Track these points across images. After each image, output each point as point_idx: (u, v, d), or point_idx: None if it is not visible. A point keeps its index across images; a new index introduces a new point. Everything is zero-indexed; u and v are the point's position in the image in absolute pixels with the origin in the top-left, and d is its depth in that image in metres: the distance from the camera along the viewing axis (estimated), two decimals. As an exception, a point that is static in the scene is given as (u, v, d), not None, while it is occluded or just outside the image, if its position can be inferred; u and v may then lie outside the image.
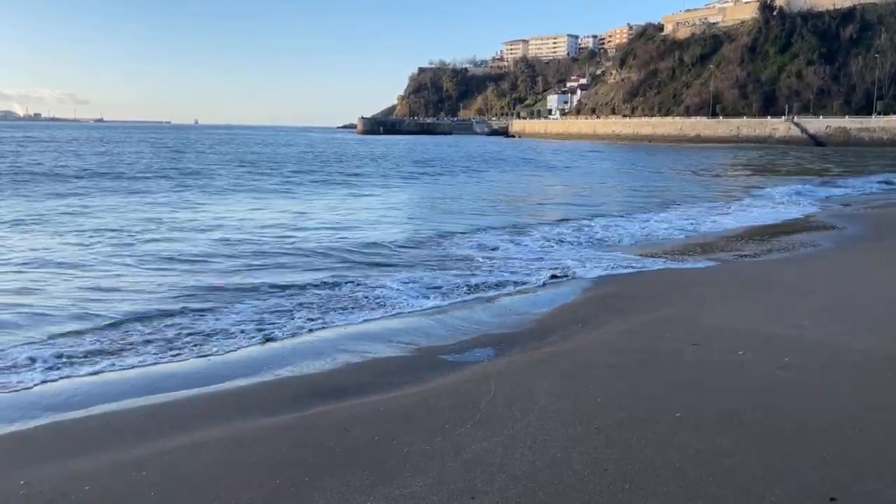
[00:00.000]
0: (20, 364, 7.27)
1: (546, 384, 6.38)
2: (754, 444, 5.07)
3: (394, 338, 8.33)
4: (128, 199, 25.75)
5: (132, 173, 38.48)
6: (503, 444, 5.11)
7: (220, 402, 6.26)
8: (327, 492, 4.47)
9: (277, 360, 7.49)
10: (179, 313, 9.22)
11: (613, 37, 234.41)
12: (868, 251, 14.84)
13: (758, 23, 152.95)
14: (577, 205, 25.95)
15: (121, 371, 7.19)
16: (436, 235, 17.24)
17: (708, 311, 9.13)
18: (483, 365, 7.17)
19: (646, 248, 15.42)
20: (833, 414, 5.63)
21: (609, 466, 4.73)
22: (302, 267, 12.84)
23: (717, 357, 7.14)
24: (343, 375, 7.02)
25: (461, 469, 4.73)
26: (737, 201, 26.76)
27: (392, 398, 6.22)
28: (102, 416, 6.00)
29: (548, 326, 8.63)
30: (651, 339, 7.83)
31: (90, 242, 15.51)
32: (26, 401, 6.35)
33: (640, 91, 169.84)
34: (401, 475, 4.67)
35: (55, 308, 9.53)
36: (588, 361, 7.12)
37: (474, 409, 5.82)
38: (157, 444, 5.30)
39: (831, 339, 7.72)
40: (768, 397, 6.01)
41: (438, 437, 5.25)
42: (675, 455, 4.90)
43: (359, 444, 5.19)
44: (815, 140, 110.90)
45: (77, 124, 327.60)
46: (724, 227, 19.33)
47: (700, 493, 4.38)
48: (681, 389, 6.25)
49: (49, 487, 4.62)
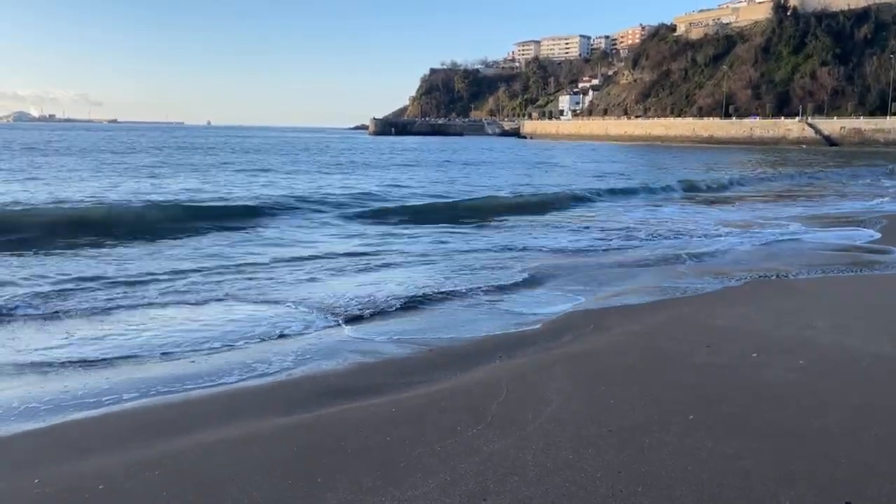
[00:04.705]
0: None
1: (558, 385, 6.37)
2: (768, 446, 5.05)
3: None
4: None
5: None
6: (515, 446, 5.10)
7: (233, 402, 6.28)
8: (339, 492, 4.47)
9: (290, 359, 7.50)
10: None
11: (626, 37, 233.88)
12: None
13: (771, 23, 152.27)
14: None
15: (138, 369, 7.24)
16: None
17: (721, 311, 9.08)
18: (495, 366, 7.16)
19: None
20: (847, 417, 5.59)
21: (621, 469, 4.71)
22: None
23: (731, 359, 7.11)
24: (356, 375, 7.02)
25: (473, 470, 4.73)
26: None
27: (404, 399, 6.22)
28: (117, 414, 6.03)
29: (560, 327, 8.60)
30: (664, 341, 7.80)
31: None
32: (39, 399, 6.39)
33: (652, 92, 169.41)
34: (413, 476, 4.67)
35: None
36: (600, 363, 7.10)
37: (486, 410, 5.81)
38: (171, 443, 5.33)
39: (845, 341, 7.67)
40: (782, 400, 5.97)
41: (450, 439, 5.25)
42: (688, 457, 4.87)
43: (371, 444, 5.20)
44: (829, 141, 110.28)
45: (92, 125, 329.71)
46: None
47: (713, 495, 4.35)
48: (694, 391, 6.22)
49: (63, 486, 4.64)
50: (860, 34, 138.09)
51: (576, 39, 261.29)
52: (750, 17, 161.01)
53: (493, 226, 19.96)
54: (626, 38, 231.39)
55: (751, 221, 20.52)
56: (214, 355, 7.69)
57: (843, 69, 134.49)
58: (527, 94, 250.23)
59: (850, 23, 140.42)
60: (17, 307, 9.47)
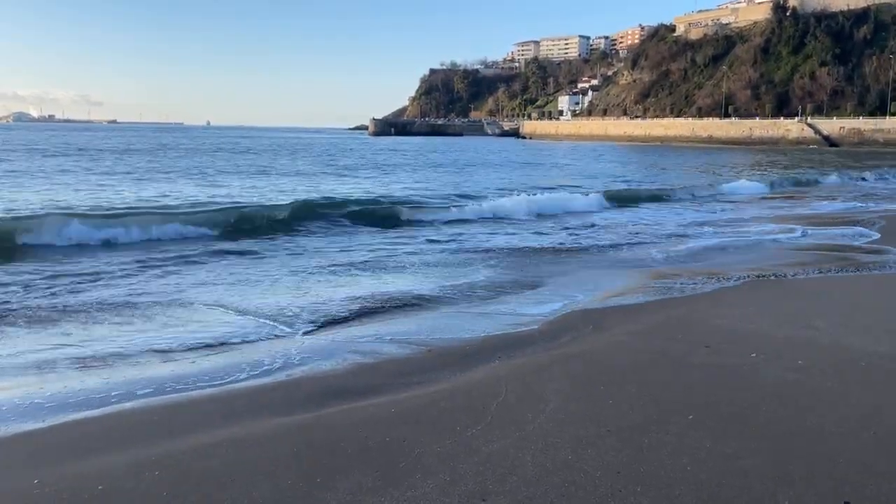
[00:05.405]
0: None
1: (557, 386, 6.38)
2: (767, 446, 5.06)
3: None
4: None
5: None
6: (514, 446, 5.11)
7: (233, 402, 6.28)
8: (339, 493, 4.48)
9: (290, 359, 7.51)
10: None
11: (625, 38, 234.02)
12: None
13: (771, 23, 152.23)
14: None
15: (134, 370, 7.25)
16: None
17: (720, 312, 9.09)
18: (494, 366, 7.16)
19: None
20: (847, 417, 5.60)
21: (620, 469, 4.72)
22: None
23: (730, 359, 7.11)
24: (355, 376, 7.02)
25: (472, 471, 4.73)
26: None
27: (403, 399, 6.22)
28: (116, 415, 6.03)
29: (559, 327, 8.61)
30: (663, 341, 7.81)
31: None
32: (39, 400, 6.39)
33: (651, 92, 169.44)
34: (412, 476, 4.68)
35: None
36: (600, 363, 7.11)
37: (485, 410, 5.82)
38: (171, 443, 5.33)
39: (844, 341, 7.68)
40: (781, 400, 5.98)
41: (450, 439, 5.26)
42: (687, 457, 4.88)
43: (370, 444, 5.21)
44: (829, 141, 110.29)
45: (92, 126, 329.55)
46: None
47: (712, 495, 4.36)
48: (693, 391, 6.23)
49: (63, 487, 4.65)
50: (859, 34, 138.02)
51: (575, 40, 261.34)
52: (749, 17, 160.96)
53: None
54: (626, 39, 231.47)
55: (735, 220, 20.54)
56: (215, 355, 7.70)
57: (843, 69, 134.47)
58: (526, 95, 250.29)
59: (849, 23, 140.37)
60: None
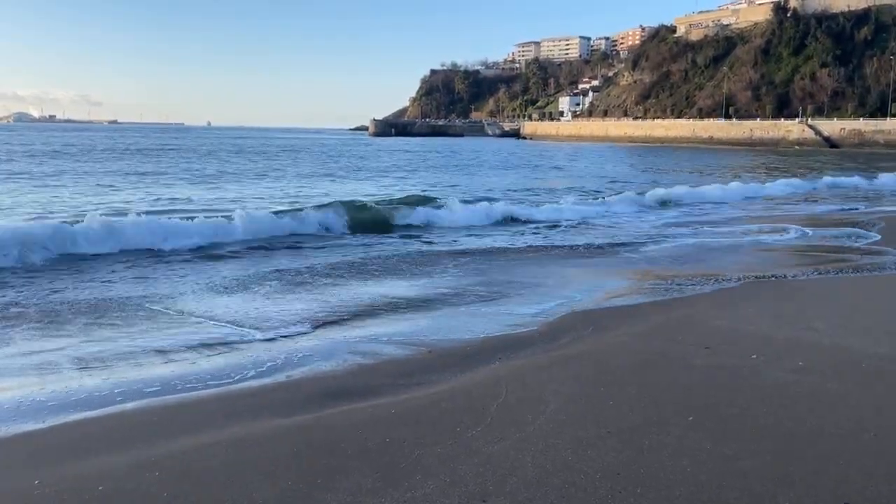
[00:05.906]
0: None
1: (557, 387, 6.37)
2: (767, 447, 5.05)
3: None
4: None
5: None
6: (515, 447, 5.11)
7: (233, 403, 6.28)
8: (339, 493, 4.48)
9: (290, 360, 7.51)
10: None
11: (626, 39, 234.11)
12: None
13: (771, 24, 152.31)
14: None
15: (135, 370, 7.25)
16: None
17: (720, 313, 9.09)
18: (494, 367, 7.16)
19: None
20: (847, 418, 5.60)
21: (621, 470, 4.72)
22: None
23: (730, 360, 7.11)
24: (355, 377, 7.02)
25: (473, 472, 4.73)
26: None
27: (404, 400, 6.22)
28: (117, 415, 6.04)
29: (559, 328, 8.61)
30: (663, 342, 7.81)
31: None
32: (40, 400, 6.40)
33: (652, 93, 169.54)
34: (412, 477, 4.68)
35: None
36: (600, 364, 7.11)
37: (485, 411, 5.82)
38: (171, 444, 5.33)
39: (845, 342, 7.68)
40: (781, 401, 5.98)
41: (450, 440, 5.26)
42: (687, 458, 4.88)
43: (370, 445, 5.21)
44: (830, 142, 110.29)
45: (93, 126, 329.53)
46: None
47: (712, 496, 4.36)
48: (693, 393, 6.23)
49: (63, 487, 4.65)
50: (860, 36, 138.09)
51: (576, 40, 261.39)
52: (750, 18, 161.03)
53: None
54: (626, 40, 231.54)
55: (734, 219, 20.54)
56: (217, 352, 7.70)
57: (844, 70, 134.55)
58: (527, 95, 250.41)
59: (850, 24, 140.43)
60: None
